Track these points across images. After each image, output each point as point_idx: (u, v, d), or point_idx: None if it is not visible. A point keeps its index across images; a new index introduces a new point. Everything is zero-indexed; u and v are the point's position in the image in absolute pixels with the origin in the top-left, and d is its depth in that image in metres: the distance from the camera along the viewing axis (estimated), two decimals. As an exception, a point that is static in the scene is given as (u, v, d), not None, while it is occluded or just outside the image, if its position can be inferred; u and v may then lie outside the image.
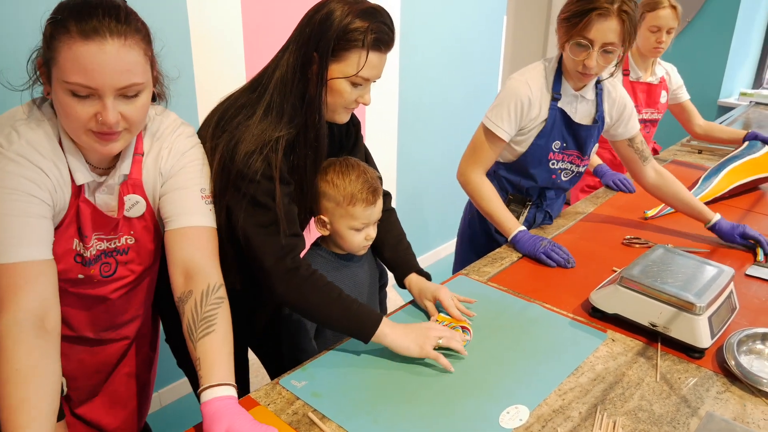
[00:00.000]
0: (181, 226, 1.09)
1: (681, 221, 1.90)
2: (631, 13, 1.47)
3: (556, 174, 1.76)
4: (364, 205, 1.27)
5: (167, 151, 1.11)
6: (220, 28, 2.05)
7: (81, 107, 0.91)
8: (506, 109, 1.63)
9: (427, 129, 3.18)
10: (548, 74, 1.66)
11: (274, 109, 1.16)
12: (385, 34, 1.14)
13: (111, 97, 0.92)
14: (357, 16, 1.10)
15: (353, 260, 1.38)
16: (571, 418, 1.03)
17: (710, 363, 1.20)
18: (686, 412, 1.05)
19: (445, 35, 3.08)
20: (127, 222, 1.10)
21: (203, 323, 1.00)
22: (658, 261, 1.35)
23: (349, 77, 1.14)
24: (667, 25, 2.22)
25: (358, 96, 1.18)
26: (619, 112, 1.73)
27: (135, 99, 0.96)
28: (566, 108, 1.67)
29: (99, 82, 0.89)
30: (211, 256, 1.10)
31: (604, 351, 1.23)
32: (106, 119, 0.92)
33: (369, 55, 1.13)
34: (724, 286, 1.27)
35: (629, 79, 2.37)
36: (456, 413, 1.04)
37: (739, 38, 3.80)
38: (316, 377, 1.13)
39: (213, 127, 1.19)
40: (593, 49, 1.50)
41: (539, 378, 1.13)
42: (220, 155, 1.15)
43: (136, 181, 1.08)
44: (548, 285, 1.48)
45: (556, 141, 1.70)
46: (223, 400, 0.93)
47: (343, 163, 1.30)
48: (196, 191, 1.11)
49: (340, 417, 1.02)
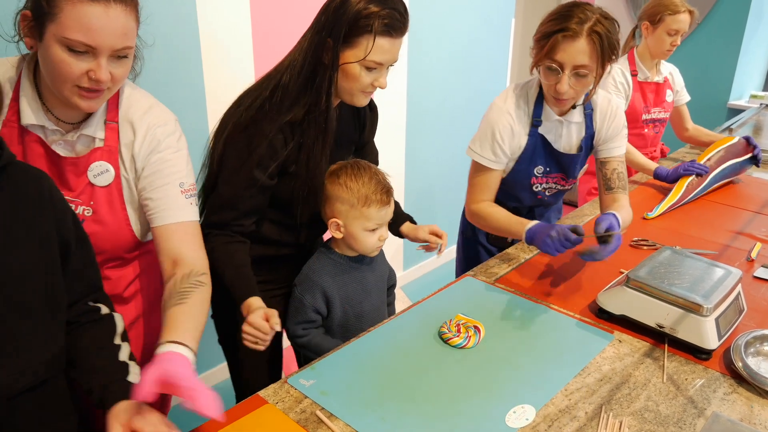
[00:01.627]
0: (165, 223, 1.13)
1: (688, 222, 1.90)
2: (605, 33, 1.37)
3: (542, 194, 1.71)
4: (379, 205, 1.28)
5: (143, 133, 1.11)
6: (229, 33, 2.07)
7: (75, 63, 0.95)
8: (489, 141, 1.57)
9: (435, 131, 3.18)
10: (530, 99, 1.58)
11: (280, 90, 1.23)
12: (396, 20, 1.18)
13: (106, 57, 0.97)
14: (370, 2, 1.15)
15: (363, 262, 1.39)
16: (577, 418, 1.04)
17: (717, 364, 1.20)
18: (693, 413, 1.06)
19: (453, 38, 3.09)
20: (90, 189, 1.09)
21: (177, 297, 1.05)
22: (665, 262, 1.35)
23: (359, 61, 1.19)
24: (684, 29, 2.26)
25: (373, 80, 1.23)
26: (608, 128, 1.61)
27: (124, 61, 1.01)
28: (548, 134, 1.59)
29: (99, 42, 0.95)
30: (195, 248, 1.16)
31: (611, 352, 1.23)
32: (100, 77, 0.97)
33: (378, 40, 1.17)
34: (732, 287, 1.27)
35: (638, 80, 2.38)
36: (462, 412, 1.04)
37: (749, 40, 3.79)
38: (324, 376, 1.14)
39: (232, 108, 1.29)
40: (563, 72, 1.41)
41: (546, 378, 1.14)
42: (228, 132, 1.24)
43: (112, 149, 1.10)
44: (555, 286, 1.49)
45: (537, 166, 1.64)
46: (173, 354, 0.92)
47: (354, 166, 1.31)
48: (175, 186, 1.14)
49: (347, 415, 1.03)
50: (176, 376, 0.87)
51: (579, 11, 1.38)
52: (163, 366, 0.88)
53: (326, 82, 1.21)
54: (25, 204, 0.87)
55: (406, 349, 1.22)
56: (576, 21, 1.36)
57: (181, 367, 0.90)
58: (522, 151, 1.60)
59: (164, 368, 0.88)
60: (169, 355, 0.92)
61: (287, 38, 2.24)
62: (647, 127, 2.47)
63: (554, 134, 1.60)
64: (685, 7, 2.25)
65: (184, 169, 1.16)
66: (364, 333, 1.29)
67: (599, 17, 1.38)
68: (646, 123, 2.46)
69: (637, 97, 2.39)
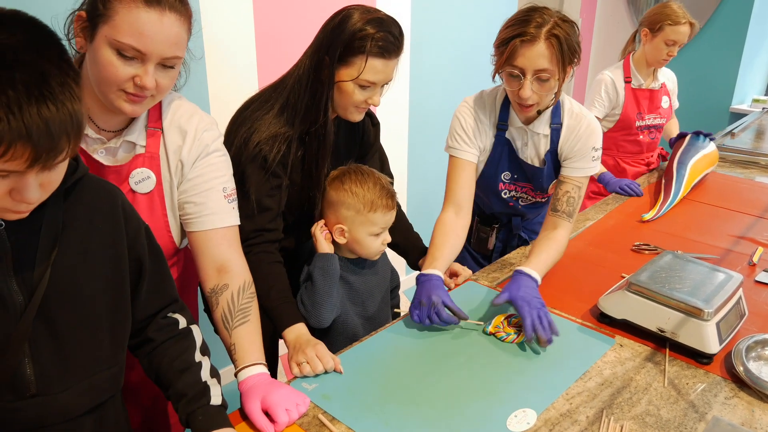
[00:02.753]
0: (209, 228, 1.13)
1: (690, 227, 1.90)
2: (563, 36, 1.35)
3: (513, 202, 1.69)
4: (385, 210, 1.30)
5: (192, 138, 1.12)
6: (233, 37, 2.08)
7: (123, 67, 0.96)
8: (457, 130, 1.58)
9: (437, 136, 3.18)
10: (497, 102, 1.57)
11: (289, 107, 1.28)
12: (390, 43, 1.23)
13: (154, 64, 0.97)
14: (366, 23, 1.21)
15: (365, 266, 1.40)
16: (578, 422, 1.04)
17: (719, 369, 1.20)
18: (694, 417, 1.06)
19: (455, 41, 3.10)
20: (131, 197, 1.09)
21: (240, 314, 1.10)
22: (666, 267, 1.35)
23: (353, 80, 1.24)
24: (683, 41, 2.26)
25: (366, 97, 1.28)
26: (571, 147, 1.54)
27: (171, 70, 1.02)
28: (515, 141, 1.58)
29: (150, 48, 0.95)
30: (240, 253, 1.18)
31: (612, 356, 1.23)
32: (145, 83, 0.97)
33: (371, 61, 1.22)
34: (733, 292, 1.27)
35: (631, 86, 2.39)
36: (464, 415, 1.05)
37: (751, 44, 3.79)
38: (327, 380, 1.14)
39: (237, 116, 1.32)
40: (525, 78, 1.38)
41: (547, 382, 1.14)
42: (237, 141, 1.27)
43: (154, 155, 1.10)
44: (557, 291, 1.49)
45: (505, 171, 1.62)
46: (258, 376, 1.05)
47: (357, 172, 1.33)
48: (219, 191, 1.14)
49: (349, 419, 1.04)
50: (275, 399, 1.01)
51: (537, 15, 1.36)
52: (261, 392, 1.02)
53: (324, 98, 1.26)
54: (100, 218, 0.87)
55: (409, 353, 1.23)
56: (534, 25, 1.35)
57: (276, 389, 1.03)
58: (489, 154, 1.60)
59: (263, 395, 1.01)
60: (258, 378, 1.05)
61: (290, 41, 2.26)
62: (642, 134, 2.48)
63: (521, 142, 1.58)
64: (686, 19, 2.25)
65: (227, 174, 1.17)
66: (367, 337, 1.29)
67: (557, 20, 1.36)
68: (641, 129, 2.47)
69: (630, 104, 2.40)
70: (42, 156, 0.66)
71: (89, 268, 0.85)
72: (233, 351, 1.09)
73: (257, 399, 1.00)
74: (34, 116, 0.64)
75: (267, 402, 1.00)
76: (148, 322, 0.98)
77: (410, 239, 1.59)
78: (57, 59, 0.68)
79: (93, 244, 0.85)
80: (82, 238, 0.84)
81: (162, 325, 0.99)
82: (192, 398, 0.95)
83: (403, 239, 1.57)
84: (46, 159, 0.67)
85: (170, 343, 0.99)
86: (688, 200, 2.15)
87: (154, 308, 0.99)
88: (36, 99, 0.64)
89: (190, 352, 0.99)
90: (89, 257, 0.85)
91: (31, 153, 0.65)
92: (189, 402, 0.94)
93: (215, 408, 0.95)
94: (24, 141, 0.64)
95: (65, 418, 0.85)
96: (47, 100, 0.65)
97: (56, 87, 0.66)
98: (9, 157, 0.64)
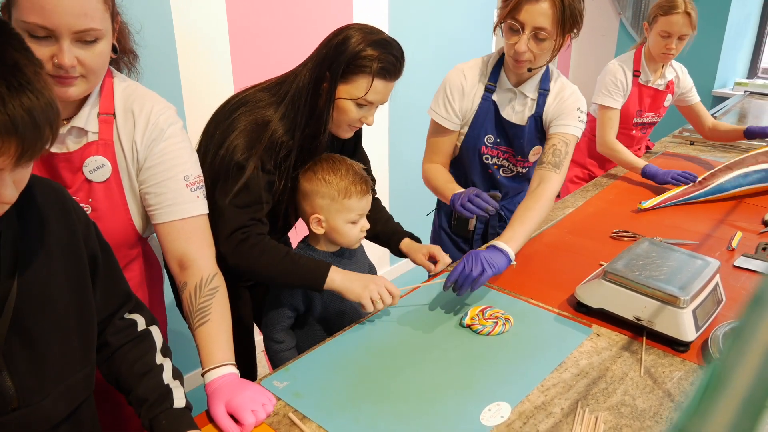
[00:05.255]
0: (169, 219, 1.09)
1: (669, 212, 1.89)
2: (567, 2, 1.41)
3: (492, 170, 1.73)
4: (360, 195, 1.29)
5: (144, 121, 1.07)
6: (205, 27, 2.04)
7: (38, 49, 0.91)
8: (441, 96, 1.66)
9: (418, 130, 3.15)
10: (490, 64, 1.65)
11: (288, 118, 1.26)
12: (392, 65, 1.24)
13: (68, 39, 0.92)
14: (369, 44, 1.21)
15: (345, 256, 1.38)
16: (552, 414, 1.03)
17: (695, 356, 1.19)
18: (670, 406, 1.05)
19: (435, 34, 3.06)
20: (87, 186, 1.06)
21: (198, 314, 1.07)
22: (642, 254, 1.34)
23: (354, 99, 1.24)
24: (679, 31, 2.11)
25: (362, 116, 1.29)
26: (555, 108, 1.61)
27: (93, 45, 0.95)
28: (499, 102, 1.64)
29: (55, 22, 0.90)
30: (202, 246, 1.12)
31: (589, 346, 1.22)
32: (62, 61, 0.92)
33: (375, 82, 1.23)
34: (710, 278, 1.26)
35: (639, 81, 2.31)
36: (437, 411, 1.03)
37: (733, 27, 3.78)
38: (298, 378, 1.12)
39: (230, 108, 1.28)
40: (524, 32, 1.45)
41: (522, 374, 1.13)
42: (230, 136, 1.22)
43: (108, 142, 1.05)
44: (534, 280, 1.47)
45: (488, 134, 1.68)
46: (223, 378, 1.01)
47: (329, 160, 1.31)
48: (179, 180, 1.10)
49: (320, 417, 1.02)
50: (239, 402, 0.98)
51: None
52: (226, 396, 0.98)
53: (325, 113, 1.26)
54: (53, 219, 0.83)
55: (382, 349, 1.21)
56: None
57: (241, 391, 1.00)
58: (474, 115, 1.66)
59: (227, 398, 0.98)
60: (223, 379, 1.01)
61: (264, 31, 2.21)
62: (635, 129, 2.43)
63: (507, 104, 1.65)
64: (681, 8, 2.08)
65: (189, 161, 1.12)
66: (339, 333, 1.27)
67: None
68: (636, 126, 2.41)
69: (633, 99, 2.32)
70: (28, 149, 0.63)
71: (53, 272, 0.82)
72: (199, 353, 1.06)
73: (222, 401, 0.98)
74: (17, 108, 0.60)
75: (232, 404, 0.97)
76: (106, 325, 0.95)
77: (389, 226, 1.58)
78: (20, 47, 0.64)
79: (52, 246, 0.82)
80: (41, 241, 0.81)
81: (120, 327, 0.96)
82: (154, 402, 0.92)
83: (383, 228, 1.56)
84: (32, 152, 0.63)
85: (129, 346, 0.96)
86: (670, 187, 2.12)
87: (111, 308, 0.95)
88: (16, 90, 0.60)
89: (150, 354, 0.96)
90: (51, 260, 0.81)
91: (17, 147, 0.62)
92: (151, 406, 0.92)
93: (179, 411, 0.93)
94: (10, 135, 0.60)
95: (48, 426, 0.83)
96: (26, 89, 0.61)
97: (31, 75, 0.63)
98: None
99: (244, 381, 1.04)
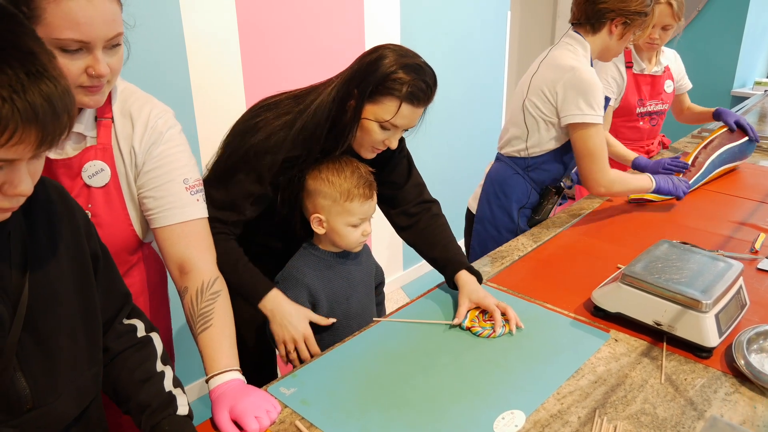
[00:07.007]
0: (169, 223, 1.07)
1: (689, 214, 1.84)
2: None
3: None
4: (362, 200, 1.26)
5: (143, 125, 1.06)
6: (215, 29, 2.03)
7: (72, 63, 0.90)
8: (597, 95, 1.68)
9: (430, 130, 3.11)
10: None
11: (307, 130, 1.22)
12: (422, 92, 1.20)
13: (101, 48, 0.92)
14: (402, 67, 1.17)
15: (348, 258, 1.35)
16: (569, 423, 0.99)
17: (719, 363, 1.14)
18: (692, 415, 1.00)
19: (447, 33, 3.03)
20: (86, 191, 1.04)
21: (200, 320, 1.05)
22: (662, 256, 1.29)
23: (379, 121, 1.20)
24: (662, 22, 2.12)
25: (385, 138, 1.24)
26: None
27: (117, 49, 0.96)
28: None
29: (92, 35, 0.89)
30: (202, 249, 1.10)
31: (607, 352, 1.18)
32: (100, 71, 0.92)
33: (402, 106, 1.19)
34: (733, 281, 1.21)
35: (632, 72, 2.31)
36: (448, 419, 0.99)
37: (752, 26, 3.70)
38: (306, 384, 1.09)
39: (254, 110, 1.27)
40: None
41: (537, 381, 1.09)
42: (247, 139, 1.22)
43: (106, 146, 1.04)
44: (549, 284, 1.43)
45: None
46: (227, 384, 0.99)
47: (336, 161, 1.29)
48: (179, 183, 1.08)
49: (328, 425, 0.99)
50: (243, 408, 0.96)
51: None
52: (229, 402, 0.96)
53: (348, 130, 1.22)
54: (56, 216, 0.82)
55: (391, 354, 1.18)
56: None
57: (245, 396, 0.98)
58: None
59: (231, 404, 0.96)
60: (227, 385, 0.99)
61: (274, 31, 2.20)
62: (642, 120, 2.39)
63: None
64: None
65: (188, 164, 1.10)
66: (349, 338, 1.24)
67: None
68: (641, 116, 2.38)
69: (631, 89, 2.31)
70: (48, 137, 0.62)
71: (60, 269, 0.80)
72: (202, 358, 1.04)
73: (226, 408, 0.95)
74: (37, 95, 0.59)
75: (236, 410, 0.95)
76: (107, 328, 0.93)
77: (450, 252, 1.39)
78: (33, 35, 0.63)
79: (59, 244, 0.81)
80: (48, 239, 0.79)
81: (120, 331, 0.94)
82: (157, 408, 0.90)
83: (440, 254, 1.40)
84: (51, 140, 0.62)
85: (129, 352, 0.94)
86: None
87: (112, 308, 0.93)
88: (35, 76, 0.59)
89: (151, 361, 0.94)
90: (58, 258, 0.80)
91: (37, 135, 0.60)
92: (153, 413, 0.89)
93: (182, 418, 0.91)
94: (31, 123, 0.59)
95: (60, 426, 0.81)
96: (43, 77, 0.60)
97: (47, 63, 0.61)
98: (16, 142, 0.59)
99: (249, 387, 1.01)
